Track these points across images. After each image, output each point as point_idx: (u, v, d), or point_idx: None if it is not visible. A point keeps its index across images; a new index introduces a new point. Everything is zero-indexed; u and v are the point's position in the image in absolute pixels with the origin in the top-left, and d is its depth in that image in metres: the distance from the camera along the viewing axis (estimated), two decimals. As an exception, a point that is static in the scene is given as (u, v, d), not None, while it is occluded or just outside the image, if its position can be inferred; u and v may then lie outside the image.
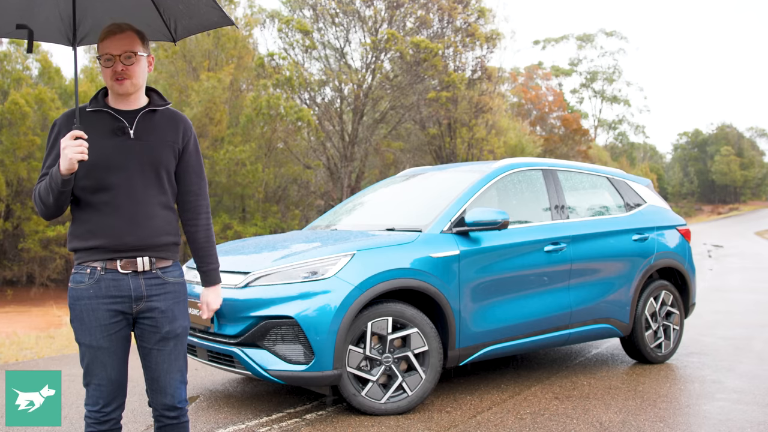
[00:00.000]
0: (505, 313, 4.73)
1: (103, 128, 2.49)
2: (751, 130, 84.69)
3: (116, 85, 2.49)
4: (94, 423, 2.53)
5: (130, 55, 2.47)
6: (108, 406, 2.52)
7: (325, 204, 25.19)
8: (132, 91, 2.52)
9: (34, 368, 5.79)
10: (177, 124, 2.61)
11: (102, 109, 2.52)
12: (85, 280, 2.47)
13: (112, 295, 2.46)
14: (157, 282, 2.52)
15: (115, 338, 2.49)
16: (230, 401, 4.63)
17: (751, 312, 8.97)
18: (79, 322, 2.48)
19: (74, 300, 2.49)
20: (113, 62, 2.46)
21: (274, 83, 23.10)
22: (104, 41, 2.48)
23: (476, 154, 25.95)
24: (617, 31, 75.16)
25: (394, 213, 5.40)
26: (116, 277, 2.46)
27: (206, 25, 2.85)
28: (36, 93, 23.11)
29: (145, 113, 2.55)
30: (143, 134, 2.52)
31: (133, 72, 2.49)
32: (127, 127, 2.51)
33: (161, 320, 2.52)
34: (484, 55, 25.85)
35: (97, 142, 2.43)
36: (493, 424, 4.07)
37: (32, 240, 22.33)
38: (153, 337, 2.53)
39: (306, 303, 4.02)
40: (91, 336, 2.47)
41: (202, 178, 2.67)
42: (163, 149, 2.54)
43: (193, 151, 2.64)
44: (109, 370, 2.50)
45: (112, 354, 2.49)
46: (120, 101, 2.54)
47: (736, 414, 4.28)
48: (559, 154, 38.96)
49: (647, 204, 6.02)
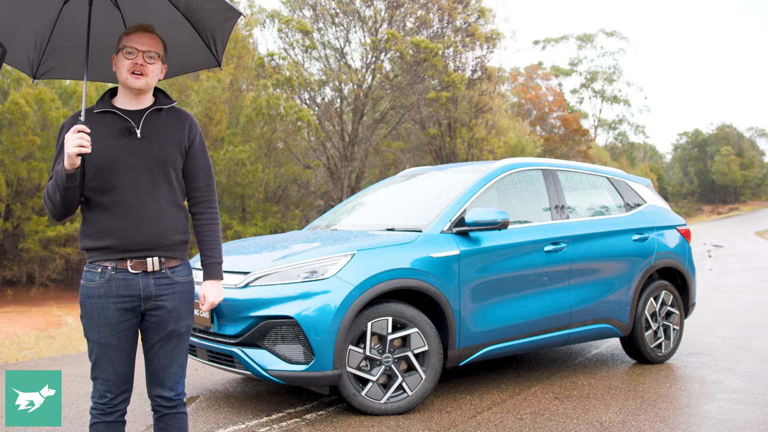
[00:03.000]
0: (505, 313, 4.73)
1: (111, 129, 2.54)
2: (751, 130, 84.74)
3: (131, 78, 2.54)
4: (100, 414, 2.58)
5: (153, 55, 2.56)
6: (115, 399, 2.57)
7: (325, 204, 25.19)
8: (145, 89, 2.57)
9: (34, 368, 5.79)
10: (183, 122, 2.66)
11: (109, 110, 2.57)
12: (96, 279, 2.52)
13: (121, 295, 2.51)
14: (166, 282, 2.57)
15: (123, 335, 2.54)
16: (230, 401, 4.63)
17: (751, 312, 8.97)
18: (88, 319, 2.54)
19: (85, 297, 2.54)
20: (135, 56, 2.53)
21: (274, 83, 23.09)
22: (132, 35, 2.55)
23: (476, 154, 25.95)
24: (617, 31, 75.13)
25: (394, 213, 5.40)
26: (126, 276, 2.51)
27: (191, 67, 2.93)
28: (36, 93, 23.10)
29: (151, 112, 2.60)
30: (150, 134, 2.57)
31: (151, 70, 2.56)
32: (134, 127, 2.55)
33: (167, 319, 2.58)
34: (484, 55, 25.86)
35: (105, 143, 2.49)
36: (493, 424, 4.07)
37: (32, 240, 22.32)
38: (157, 334, 2.59)
39: (306, 303, 4.02)
40: (100, 333, 2.52)
41: (209, 175, 2.71)
42: (170, 148, 2.59)
43: (200, 148, 2.68)
44: (116, 365, 2.56)
45: (120, 350, 2.55)
46: (127, 101, 2.59)
47: (736, 414, 4.28)
48: (559, 154, 38.96)
49: (647, 204, 6.02)
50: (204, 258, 2.73)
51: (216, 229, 2.72)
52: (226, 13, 2.70)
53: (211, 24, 2.76)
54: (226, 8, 2.67)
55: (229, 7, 2.68)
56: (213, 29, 2.78)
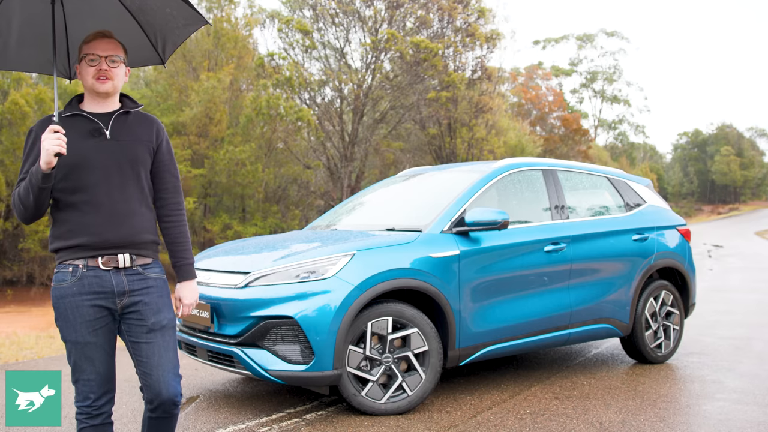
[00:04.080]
0: (505, 313, 4.73)
1: (80, 131, 2.58)
2: (751, 130, 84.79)
3: (97, 84, 2.60)
4: (86, 418, 2.57)
5: (115, 59, 2.62)
6: (99, 400, 2.57)
7: (325, 204, 25.19)
8: (111, 92, 2.63)
9: (34, 368, 5.79)
10: (150, 125, 2.72)
11: (77, 113, 2.62)
12: (68, 278, 2.53)
13: (95, 291, 2.52)
14: (138, 278, 2.59)
15: (101, 333, 2.55)
16: (230, 401, 4.63)
17: (751, 312, 8.97)
18: (63, 320, 2.54)
19: (57, 299, 2.54)
20: (98, 62, 2.59)
21: (274, 83, 23.10)
22: (91, 43, 2.61)
23: (476, 154, 25.96)
24: (618, 31, 75.08)
25: (394, 213, 5.40)
26: (98, 273, 2.53)
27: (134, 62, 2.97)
28: (36, 93, 23.11)
29: (119, 115, 2.66)
30: (119, 134, 2.62)
31: (115, 74, 2.62)
32: (102, 128, 2.61)
33: (146, 312, 2.58)
34: (484, 55, 25.87)
35: (75, 144, 2.52)
36: (493, 424, 4.07)
37: (32, 240, 22.33)
38: (140, 330, 2.58)
39: (306, 303, 4.02)
40: (77, 332, 2.52)
41: (176, 177, 2.77)
42: (139, 148, 2.64)
43: (166, 151, 2.74)
44: (97, 365, 2.55)
45: (99, 348, 2.55)
46: (95, 105, 2.65)
47: (736, 414, 4.28)
48: (559, 154, 38.98)
49: (647, 204, 6.02)
50: (175, 260, 2.74)
51: (185, 230, 2.76)
52: (188, 20, 2.82)
53: (165, 26, 2.85)
54: (189, 15, 2.79)
55: (193, 14, 2.78)
56: (165, 31, 2.88)
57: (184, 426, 4.05)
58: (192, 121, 25.26)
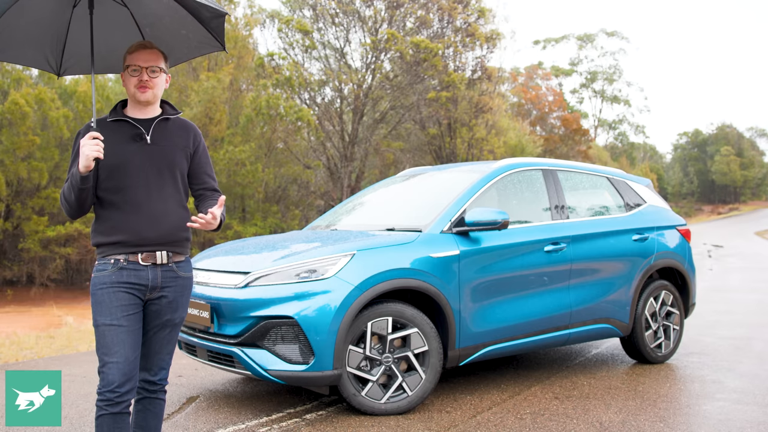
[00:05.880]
0: (505, 313, 4.73)
1: (123, 135, 2.79)
2: (751, 130, 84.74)
3: (139, 93, 2.79)
4: (107, 405, 2.64)
5: (155, 69, 2.80)
6: (122, 386, 2.65)
7: (325, 204, 25.20)
8: (152, 100, 2.82)
9: (34, 368, 5.79)
10: (188, 131, 2.92)
11: (121, 119, 2.82)
12: (108, 268, 2.71)
13: (131, 282, 2.71)
14: (171, 275, 2.80)
15: (132, 318, 2.71)
16: (230, 401, 4.63)
17: (751, 312, 8.97)
18: (100, 304, 2.70)
19: (96, 286, 2.72)
20: (139, 72, 2.78)
21: (273, 83, 23.10)
22: (133, 54, 2.80)
23: (476, 154, 25.96)
24: (618, 31, 75.00)
25: (394, 213, 5.40)
26: (137, 267, 2.73)
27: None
28: (36, 93, 23.11)
29: (160, 121, 2.85)
30: (159, 140, 2.82)
31: (156, 83, 2.81)
32: (144, 134, 2.80)
33: (166, 308, 2.80)
34: (484, 55, 25.87)
35: (118, 147, 2.74)
36: (493, 424, 4.07)
37: (32, 240, 22.33)
38: (153, 322, 2.80)
39: (306, 303, 4.02)
40: (112, 315, 2.67)
41: (213, 178, 2.99)
42: (177, 153, 2.84)
43: (203, 154, 2.96)
44: (126, 348, 2.67)
45: (131, 333, 2.69)
46: (137, 111, 2.84)
47: (736, 414, 4.28)
48: (559, 154, 38.98)
49: (647, 204, 6.02)
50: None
51: (223, 212, 2.91)
52: (203, 42, 3.03)
53: (176, 45, 3.06)
54: (204, 37, 2.99)
55: (209, 38, 2.99)
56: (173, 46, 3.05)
57: (184, 426, 4.05)
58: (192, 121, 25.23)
